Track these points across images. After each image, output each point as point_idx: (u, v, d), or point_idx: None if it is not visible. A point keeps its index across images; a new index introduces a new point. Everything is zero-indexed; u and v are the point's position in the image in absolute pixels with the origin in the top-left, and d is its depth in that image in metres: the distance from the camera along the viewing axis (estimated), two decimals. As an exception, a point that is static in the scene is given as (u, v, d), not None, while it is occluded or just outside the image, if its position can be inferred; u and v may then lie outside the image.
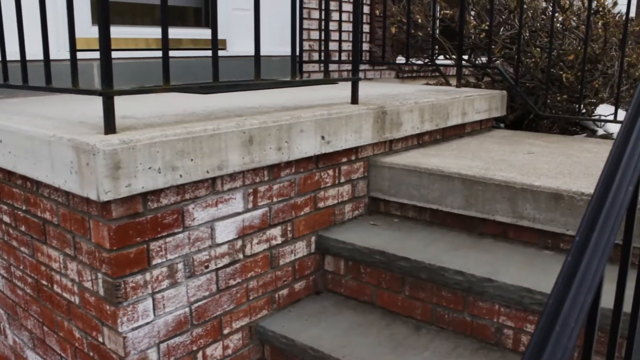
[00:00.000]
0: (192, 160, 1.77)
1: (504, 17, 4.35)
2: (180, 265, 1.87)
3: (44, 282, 2.06)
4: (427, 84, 5.40)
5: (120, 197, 1.63)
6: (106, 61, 1.62)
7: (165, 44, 1.78)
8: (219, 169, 1.86)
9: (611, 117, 3.70)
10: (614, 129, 4.13)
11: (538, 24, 4.17)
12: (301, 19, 4.41)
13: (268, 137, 1.99)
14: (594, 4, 3.85)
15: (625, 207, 0.97)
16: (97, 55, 2.88)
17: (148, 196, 1.74)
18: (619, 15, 4.73)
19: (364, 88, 3.49)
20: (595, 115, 4.29)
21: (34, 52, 2.28)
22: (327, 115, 2.21)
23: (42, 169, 1.79)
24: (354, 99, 2.47)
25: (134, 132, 1.70)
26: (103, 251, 1.70)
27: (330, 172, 2.37)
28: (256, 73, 2.07)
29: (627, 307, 1.26)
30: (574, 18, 4.18)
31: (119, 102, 2.44)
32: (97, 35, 3.03)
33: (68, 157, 1.66)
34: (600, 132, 4.58)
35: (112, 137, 1.63)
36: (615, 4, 4.27)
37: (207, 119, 1.97)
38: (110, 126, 1.69)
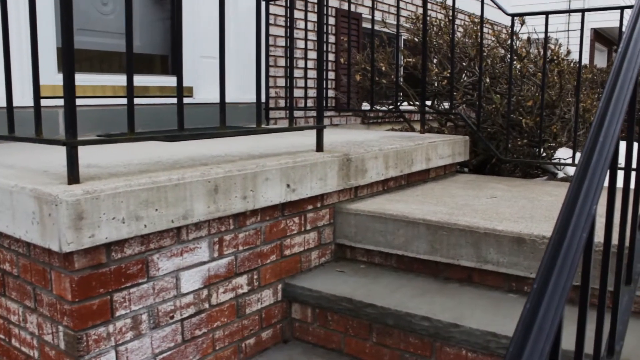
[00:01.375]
0: (156, 210, 1.76)
1: (464, 64, 4.49)
2: (144, 316, 1.84)
3: (1, 336, 2.00)
4: (393, 129, 5.49)
5: (83, 248, 1.61)
6: (70, 111, 1.62)
7: (130, 92, 1.80)
8: (184, 218, 1.85)
9: (570, 161, 3.81)
10: (573, 171, 4.25)
11: (497, 71, 4.31)
12: (267, 66, 4.48)
13: (233, 185, 1.99)
14: (549, 52, 4.01)
15: (580, 254, 0.99)
16: (62, 102, 2.87)
17: (112, 246, 1.72)
18: (573, 62, 4.92)
19: (329, 135, 3.54)
20: (554, 159, 4.42)
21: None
22: (293, 164, 2.23)
23: (3, 220, 1.76)
24: (319, 147, 2.51)
25: (97, 182, 1.69)
26: (65, 303, 1.66)
27: (296, 219, 2.38)
28: (221, 121, 2.09)
29: (589, 348, 1.28)
30: (531, 66, 4.33)
31: (84, 149, 2.42)
32: (61, 82, 3.03)
33: (30, 208, 1.64)
34: (561, 174, 4.71)
35: (76, 187, 1.61)
36: (568, 52, 4.44)
37: (173, 168, 1.97)
38: (73, 176, 1.68)
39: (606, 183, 1.27)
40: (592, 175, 1.08)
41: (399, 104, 4.22)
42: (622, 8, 3.42)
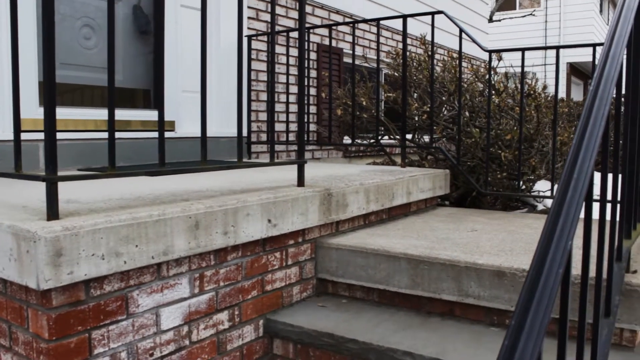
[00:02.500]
0: (137, 246, 1.75)
1: (444, 98, 4.56)
2: (123, 354, 1.81)
3: (-24, 377, 1.95)
4: (374, 162, 5.53)
5: (62, 285, 1.59)
6: (51, 148, 1.62)
7: (112, 128, 1.80)
8: (165, 254, 1.84)
9: (548, 193, 3.86)
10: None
11: (476, 106, 4.38)
12: (249, 100, 4.52)
13: (214, 221, 1.99)
14: (526, 87, 4.09)
15: (557, 290, 1.01)
16: (43, 136, 2.86)
17: (91, 283, 1.70)
18: (550, 96, 5.02)
19: (311, 169, 3.56)
20: (534, 191, 4.48)
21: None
22: (274, 199, 2.24)
23: (-21, 257, 1.73)
24: (300, 182, 2.52)
25: (77, 218, 1.68)
26: (41, 342, 1.63)
27: (278, 254, 2.38)
28: (202, 157, 2.10)
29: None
30: (510, 100, 4.41)
31: (65, 183, 2.40)
32: (43, 116, 3.02)
33: (7, 244, 1.62)
34: (540, 206, 4.76)
35: (55, 223, 1.60)
36: (545, 87, 4.54)
37: (153, 204, 1.96)
38: (53, 212, 1.67)
39: (583, 215, 1.30)
40: (567, 211, 1.10)
41: (380, 137, 4.27)
42: (594, 45, 3.51)
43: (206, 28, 2.15)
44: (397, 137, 4.65)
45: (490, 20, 16.13)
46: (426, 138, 4.79)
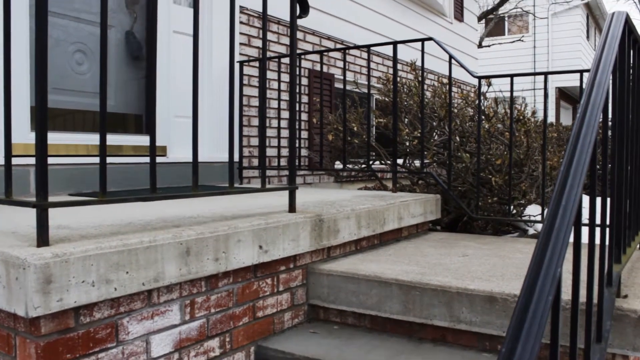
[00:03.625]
0: (127, 272, 1.75)
1: (435, 123, 4.60)
2: (112, 383, 1.79)
3: (-38, 406, 1.92)
4: (366, 187, 5.55)
5: (51, 313, 1.58)
6: (42, 174, 1.62)
7: (103, 154, 1.80)
8: (156, 281, 1.83)
9: (539, 217, 3.88)
10: (543, 229, 4.32)
11: (467, 131, 4.42)
12: (241, 125, 4.53)
13: (205, 248, 1.99)
14: (515, 112, 4.14)
15: (547, 317, 1.01)
16: (34, 160, 2.86)
17: (80, 310, 1.69)
18: (540, 121, 5.07)
19: (302, 194, 3.56)
20: (524, 216, 4.50)
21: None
22: (265, 225, 2.24)
23: (-32, 284, 1.72)
24: (292, 208, 2.52)
25: (67, 245, 1.67)
26: (29, 371, 1.62)
27: (269, 280, 2.37)
28: (194, 183, 2.10)
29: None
30: (499, 125, 4.46)
31: (56, 209, 2.40)
32: (34, 141, 3.02)
33: (-4, 271, 1.61)
34: (531, 231, 4.77)
35: (45, 250, 1.60)
36: (534, 112, 4.59)
37: (144, 230, 1.96)
38: (43, 239, 1.66)
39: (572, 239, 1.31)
40: (555, 239, 1.11)
41: (371, 162, 4.28)
42: (581, 72, 3.56)
43: (198, 54, 2.16)
44: (389, 162, 4.68)
45: (480, 45, 16.34)
46: (417, 163, 4.82)
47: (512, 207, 4.12)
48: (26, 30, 3.33)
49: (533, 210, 4.69)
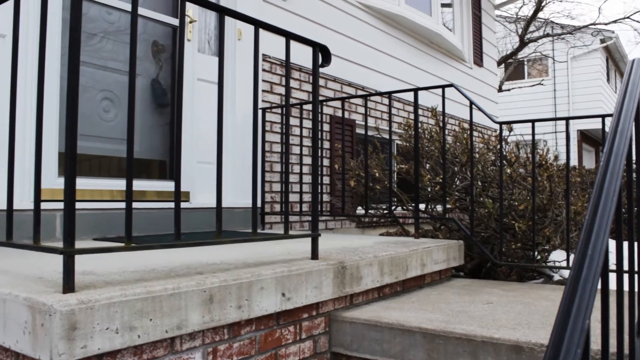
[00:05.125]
0: (151, 320, 1.75)
1: (456, 169, 4.59)
2: None
3: None
4: (387, 232, 5.52)
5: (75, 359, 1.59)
6: (69, 221, 1.65)
7: (129, 202, 1.83)
8: (179, 328, 1.83)
9: (564, 263, 3.82)
10: (568, 274, 4.25)
11: (488, 177, 4.40)
12: (263, 171, 4.58)
13: (228, 295, 1.99)
14: (537, 157, 4.12)
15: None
16: (60, 205, 2.91)
17: (104, 357, 1.69)
18: (562, 165, 5.05)
19: (324, 240, 3.56)
20: (549, 262, 4.43)
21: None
22: (288, 272, 2.24)
23: (-7, 328, 1.74)
24: (314, 255, 2.52)
25: (93, 291, 1.68)
26: (52, 419, 1.61)
27: (291, 328, 2.35)
28: (217, 230, 2.12)
29: None
30: (521, 170, 4.44)
31: (81, 255, 2.43)
32: (61, 186, 3.09)
33: (22, 317, 1.62)
34: (557, 277, 4.69)
35: (70, 296, 1.61)
36: (556, 157, 4.57)
37: (168, 277, 1.97)
38: (69, 285, 1.68)
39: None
40: (582, 289, 1.10)
41: (393, 208, 4.28)
42: (603, 116, 3.56)
43: (222, 102, 2.21)
44: (410, 207, 4.67)
45: (500, 89, 16.42)
46: (439, 208, 4.80)
47: (536, 252, 4.06)
48: (56, 78, 3.44)
49: (558, 256, 4.62)
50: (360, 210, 5.35)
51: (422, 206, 4.78)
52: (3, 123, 3.09)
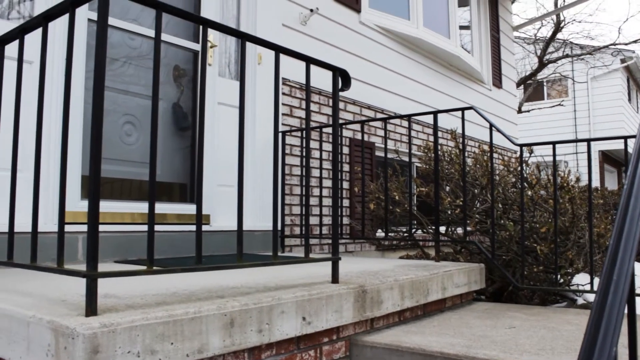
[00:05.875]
0: (172, 343, 1.75)
1: (476, 191, 4.57)
2: None
3: None
4: (407, 255, 5.49)
5: (96, 384, 1.59)
6: (93, 244, 1.66)
7: (151, 226, 1.85)
8: (199, 352, 1.83)
9: (588, 287, 3.76)
10: (593, 297, 4.18)
11: (509, 199, 4.37)
12: (283, 194, 4.59)
13: (249, 319, 1.99)
14: (559, 179, 4.09)
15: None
16: (82, 228, 2.94)
17: (125, 381, 1.69)
18: (584, 187, 4.99)
19: (344, 264, 3.55)
20: (573, 285, 4.36)
21: (21, 222, 2.33)
22: (308, 296, 2.24)
23: (17, 350, 1.75)
24: (335, 278, 2.52)
25: (115, 315, 1.69)
26: None
27: (312, 352, 2.34)
28: (238, 254, 2.13)
29: None
30: (542, 192, 4.40)
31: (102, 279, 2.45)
32: (84, 209, 3.13)
33: (46, 340, 1.64)
34: (580, 300, 4.62)
35: (93, 319, 1.62)
36: (578, 179, 4.52)
37: (189, 300, 1.98)
38: (92, 308, 1.69)
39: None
40: (608, 316, 1.09)
41: (413, 231, 4.26)
42: (625, 137, 3.53)
43: (244, 127, 2.23)
44: (430, 230, 4.64)
45: (519, 111, 16.35)
46: (459, 230, 4.76)
47: (559, 275, 4.01)
48: (80, 102, 3.50)
49: (581, 279, 4.55)
50: (380, 233, 5.32)
51: (442, 229, 4.75)
52: (29, 146, 3.15)
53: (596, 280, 3.58)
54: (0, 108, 2.35)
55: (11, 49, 2.41)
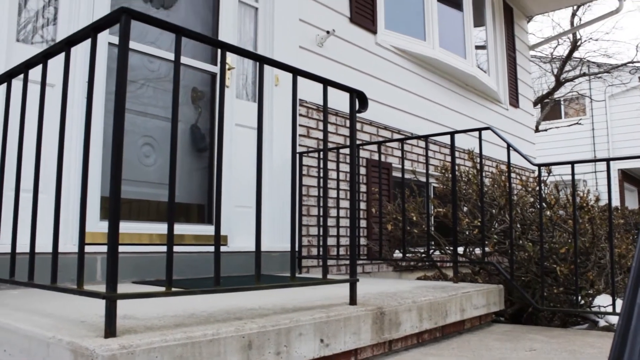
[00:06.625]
0: (190, 365, 1.75)
1: (494, 211, 4.54)
2: None
3: None
4: (425, 275, 5.45)
5: (115, 406, 1.59)
6: (112, 266, 1.68)
7: (170, 248, 1.86)
8: (217, 374, 1.83)
9: (610, 309, 3.70)
10: (615, 319, 4.10)
11: (528, 219, 4.33)
12: (300, 215, 4.59)
13: (267, 341, 1.98)
14: (578, 199, 4.05)
15: None
16: (101, 248, 2.96)
17: (143, 403, 1.69)
18: (604, 206, 4.93)
19: (362, 285, 3.53)
20: (594, 306, 4.29)
21: (40, 243, 2.35)
22: (326, 318, 2.23)
23: (37, 371, 1.76)
24: (353, 300, 2.51)
25: (133, 336, 1.70)
26: None
27: (330, 374, 2.33)
28: (257, 276, 2.13)
29: None
30: (562, 211, 4.36)
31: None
32: (103, 230, 3.16)
33: (65, 361, 1.65)
34: (602, 322, 4.54)
35: (112, 341, 1.63)
36: (597, 199, 4.48)
37: (207, 322, 1.98)
38: (110, 330, 1.70)
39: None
40: (632, 342, 1.07)
41: (430, 252, 4.23)
42: (645, 157, 3.50)
43: (262, 148, 2.25)
44: (449, 251, 4.61)
45: (537, 130, 16.27)
46: (477, 251, 4.73)
47: (579, 297, 3.95)
48: (100, 124, 3.54)
49: (603, 301, 4.47)
50: (397, 254, 5.30)
51: (460, 249, 4.72)
52: (50, 168, 3.19)
53: (618, 302, 3.53)
54: (23, 131, 2.39)
55: (34, 73, 2.46)
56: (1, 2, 3.18)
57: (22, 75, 2.38)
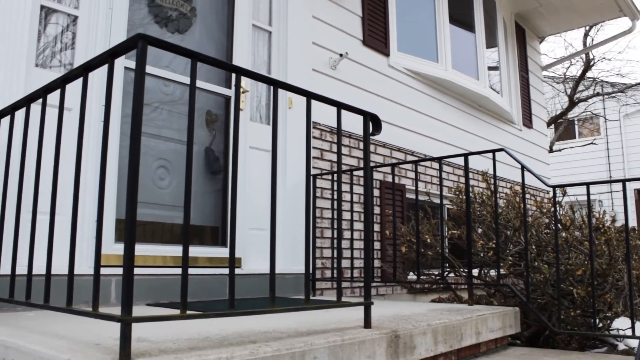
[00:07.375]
0: (205, 389, 1.75)
1: (509, 233, 4.51)
2: None
3: None
4: (439, 298, 5.41)
5: None
6: (128, 289, 1.68)
7: (185, 272, 1.87)
8: (232, 398, 1.82)
9: (629, 332, 3.65)
10: (635, 342, 4.04)
11: (543, 241, 4.30)
12: (314, 237, 4.59)
13: (282, 365, 1.98)
14: (594, 220, 4.01)
15: None
16: (116, 270, 2.98)
17: None
18: (621, 227, 4.88)
19: (376, 308, 3.50)
20: (612, 329, 4.23)
21: (56, 265, 2.37)
22: (341, 342, 2.21)
23: (51, 395, 1.76)
24: (367, 323, 2.49)
25: (148, 359, 1.70)
26: None
27: (345, 398, 2.31)
28: (271, 299, 2.13)
29: None
30: (577, 233, 4.32)
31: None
32: (118, 252, 3.17)
33: (80, 385, 1.65)
34: (621, 346, 4.47)
35: (126, 365, 1.63)
36: (613, 220, 4.44)
37: (221, 345, 1.97)
38: (125, 353, 1.70)
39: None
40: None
41: (445, 274, 4.21)
42: (662, 177, 3.47)
43: (276, 171, 2.26)
44: (463, 273, 4.58)
45: (551, 150, 16.19)
46: (492, 273, 4.69)
47: (597, 320, 3.90)
48: (115, 147, 3.57)
49: (621, 324, 4.41)
50: (411, 276, 5.27)
51: (475, 271, 4.68)
52: (67, 190, 3.22)
53: (638, 325, 3.48)
54: (41, 153, 2.42)
55: (52, 97, 2.50)
56: (22, 29, 3.25)
57: (40, 100, 2.41)
